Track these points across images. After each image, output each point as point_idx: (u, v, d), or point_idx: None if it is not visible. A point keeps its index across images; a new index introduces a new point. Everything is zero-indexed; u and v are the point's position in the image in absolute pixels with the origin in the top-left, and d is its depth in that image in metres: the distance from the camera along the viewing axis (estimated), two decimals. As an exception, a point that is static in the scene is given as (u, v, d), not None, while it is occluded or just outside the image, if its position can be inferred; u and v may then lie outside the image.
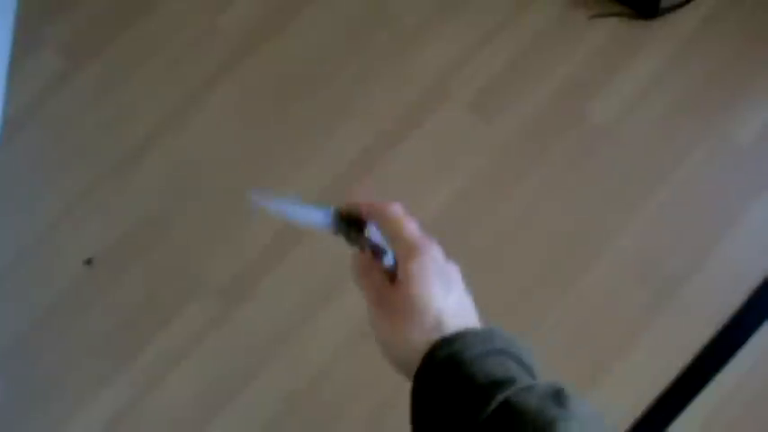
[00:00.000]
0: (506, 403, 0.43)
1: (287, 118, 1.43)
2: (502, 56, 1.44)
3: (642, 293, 1.27)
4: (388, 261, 0.54)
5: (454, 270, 0.54)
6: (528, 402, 0.43)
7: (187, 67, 1.49)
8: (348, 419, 1.23)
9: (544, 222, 1.33)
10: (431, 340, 0.48)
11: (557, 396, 0.44)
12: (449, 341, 0.48)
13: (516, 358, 0.48)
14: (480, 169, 1.37)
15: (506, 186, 1.35)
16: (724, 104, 1.39)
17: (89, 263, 1.36)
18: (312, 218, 0.56)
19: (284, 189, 1.38)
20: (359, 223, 0.57)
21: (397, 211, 0.54)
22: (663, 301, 1.27)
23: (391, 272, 0.53)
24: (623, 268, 1.29)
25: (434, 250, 0.52)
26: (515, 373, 0.46)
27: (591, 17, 1.45)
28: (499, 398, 0.44)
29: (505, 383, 0.45)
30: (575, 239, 1.31)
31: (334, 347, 1.27)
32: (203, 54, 1.50)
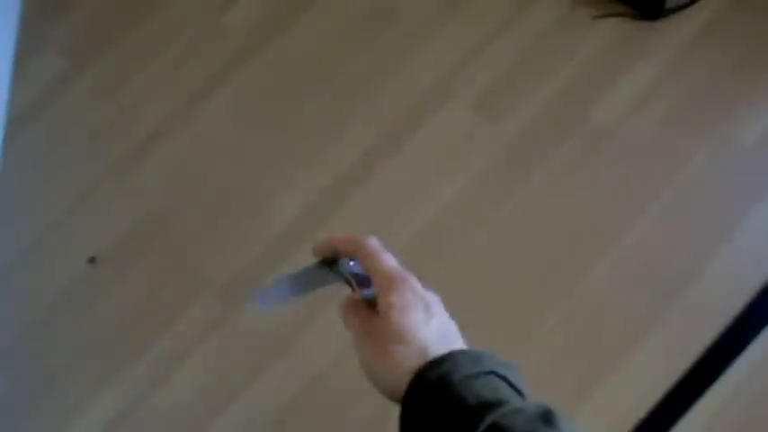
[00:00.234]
0: (495, 426, 0.43)
1: (289, 118, 1.43)
2: (505, 56, 1.43)
3: (644, 295, 1.27)
4: (369, 292, 0.56)
5: (434, 298, 0.55)
6: (517, 425, 0.43)
7: (190, 67, 1.49)
8: (350, 420, 1.23)
9: (546, 223, 1.33)
10: (418, 363, 0.48)
11: (545, 417, 0.44)
12: (438, 363, 0.48)
13: (505, 379, 0.48)
14: (483, 169, 1.37)
15: (509, 186, 1.35)
16: (727, 107, 1.38)
17: (92, 261, 1.36)
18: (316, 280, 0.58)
19: (286, 188, 1.38)
20: (334, 260, 0.59)
21: (374, 244, 0.56)
22: (665, 303, 1.26)
23: (372, 301, 0.55)
24: (626, 270, 1.29)
25: (413, 281, 0.54)
26: (505, 395, 0.46)
27: (595, 17, 1.44)
28: (488, 420, 0.43)
29: (495, 405, 0.44)
30: (577, 240, 1.31)
31: (336, 348, 1.26)
32: (206, 54, 1.50)
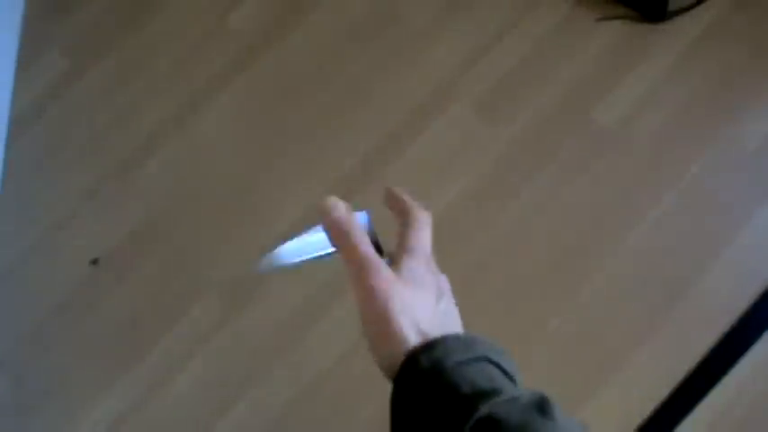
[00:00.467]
0: (490, 417, 0.42)
1: (293, 118, 1.43)
2: (508, 58, 1.44)
3: (648, 296, 1.27)
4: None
5: (446, 283, 0.54)
6: (512, 415, 0.42)
7: (193, 68, 1.49)
8: (352, 421, 1.23)
9: (550, 224, 1.33)
10: (413, 342, 0.47)
11: (540, 406, 0.43)
12: (431, 346, 0.46)
13: (498, 365, 0.47)
14: (486, 170, 1.37)
15: (512, 187, 1.35)
16: (730, 109, 1.38)
17: (95, 263, 1.36)
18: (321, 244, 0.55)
19: (288, 189, 1.38)
20: None
21: (426, 219, 0.55)
22: (669, 304, 1.26)
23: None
24: (629, 271, 1.29)
25: (434, 264, 0.52)
26: (499, 383, 0.45)
27: (597, 20, 1.44)
28: (483, 410, 0.42)
29: (489, 394, 0.43)
30: (580, 242, 1.31)
31: (338, 349, 1.26)
32: (209, 55, 1.50)
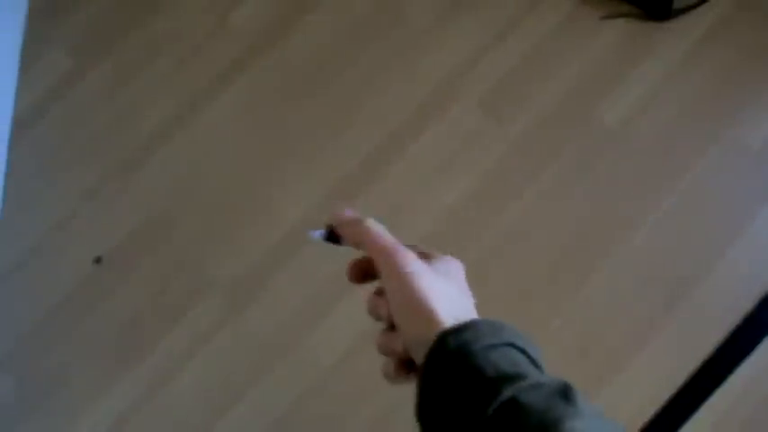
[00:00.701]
0: (513, 400, 0.43)
1: (295, 118, 1.43)
2: (512, 56, 1.43)
3: (653, 295, 1.27)
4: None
5: (455, 265, 0.54)
6: (535, 400, 0.43)
7: (194, 68, 1.49)
8: (354, 421, 1.23)
9: (554, 222, 1.32)
10: (435, 331, 0.47)
11: (564, 393, 0.44)
12: (459, 330, 0.47)
13: (525, 352, 0.48)
14: (490, 169, 1.36)
15: (514, 187, 1.35)
16: (735, 108, 1.38)
17: (98, 261, 1.36)
18: None
19: (290, 188, 1.38)
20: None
21: (372, 226, 0.54)
22: (673, 304, 1.26)
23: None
24: (633, 270, 1.28)
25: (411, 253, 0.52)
26: (524, 368, 0.46)
27: (601, 18, 1.44)
28: (506, 393, 0.43)
29: (514, 378, 0.44)
30: (585, 240, 1.31)
31: (340, 348, 1.26)
32: (210, 55, 1.50)
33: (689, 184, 1.33)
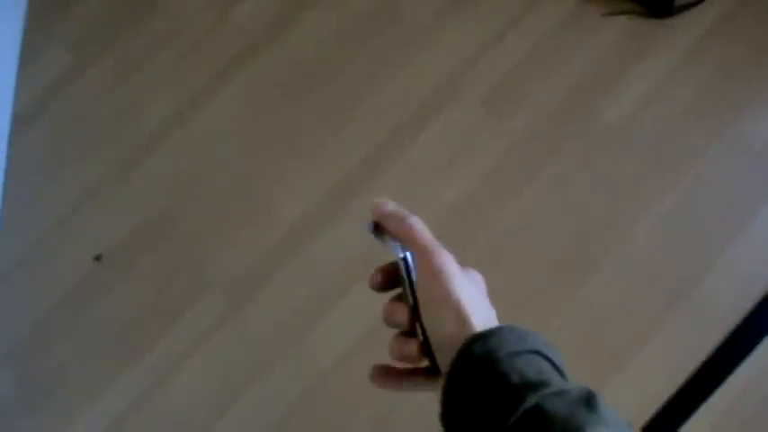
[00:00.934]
0: (537, 407, 0.43)
1: (296, 115, 1.43)
2: (513, 53, 1.43)
3: (653, 294, 1.26)
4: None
5: (478, 275, 0.56)
6: (559, 408, 0.43)
7: (194, 64, 1.49)
8: (355, 421, 1.23)
9: (555, 221, 1.32)
10: (465, 334, 0.48)
11: (587, 401, 0.44)
12: (485, 336, 0.47)
13: (549, 359, 0.48)
14: (491, 167, 1.36)
15: (517, 184, 1.35)
16: (736, 106, 1.37)
17: (99, 259, 1.36)
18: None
19: (290, 186, 1.38)
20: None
21: (417, 224, 0.55)
22: (674, 302, 1.25)
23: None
24: (634, 269, 1.28)
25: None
26: (548, 376, 0.46)
27: (603, 15, 1.43)
28: (530, 401, 0.43)
29: (538, 386, 0.45)
30: (586, 239, 1.30)
31: (341, 348, 1.26)
32: (210, 51, 1.49)
33: (691, 181, 1.33)
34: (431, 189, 1.35)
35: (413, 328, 0.53)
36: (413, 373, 0.54)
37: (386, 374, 0.55)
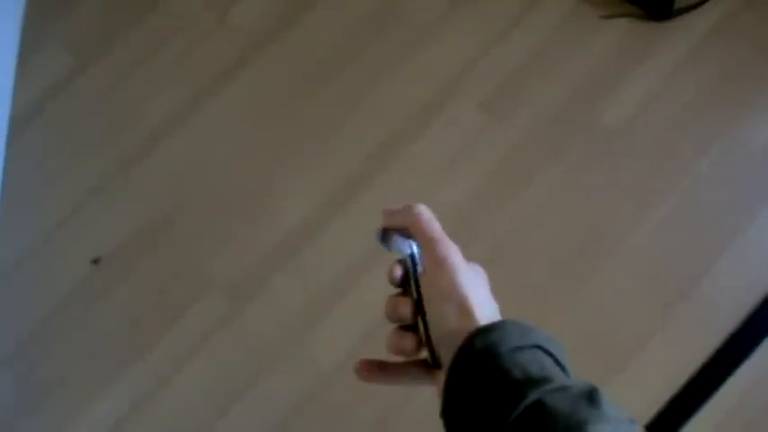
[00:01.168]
0: (539, 403, 0.43)
1: (296, 116, 1.43)
2: (512, 55, 1.43)
3: (653, 295, 1.26)
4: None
5: (481, 270, 0.56)
6: (561, 403, 0.43)
7: (195, 64, 1.49)
8: (356, 422, 1.23)
9: (554, 223, 1.32)
10: (468, 328, 0.48)
11: (590, 397, 0.44)
12: (487, 330, 0.47)
13: (551, 355, 0.48)
14: (491, 168, 1.36)
15: (517, 186, 1.35)
16: (736, 108, 1.37)
17: (96, 262, 1.36)
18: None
19: (291, 186, 1.38)
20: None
21: (424, 213, 0.56)
22: (674, 304, 1.25)
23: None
24: (633, 270, 1.28)
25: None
26: (550, 371, 0.46)
27: (602, 17, 1.43)
28: (532, 396, 0.43)
29: (540, 381, 0.44)
30: (585, 240, 1.30)
31: (342, 349, 1.26)
32: (211, 51, 1.49)
33: (690, 184, 1.33)
34: (431, 190, 1.35)
35: (415, 321, 0.53)
36: (413, 365, 0.54)
37: (377, 369, 0.55)
